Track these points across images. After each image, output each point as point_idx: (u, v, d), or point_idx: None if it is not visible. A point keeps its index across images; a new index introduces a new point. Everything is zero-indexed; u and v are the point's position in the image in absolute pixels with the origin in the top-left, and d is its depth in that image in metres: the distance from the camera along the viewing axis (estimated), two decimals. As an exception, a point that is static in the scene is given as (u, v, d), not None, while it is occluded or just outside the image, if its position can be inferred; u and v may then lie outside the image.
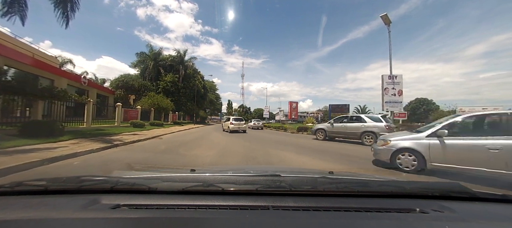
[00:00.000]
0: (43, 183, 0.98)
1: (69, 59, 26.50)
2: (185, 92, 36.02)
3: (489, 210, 0.94)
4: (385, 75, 14.86)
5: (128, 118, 17.09)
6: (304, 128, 17.06)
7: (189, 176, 1.28)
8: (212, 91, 57.78)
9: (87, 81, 18.41)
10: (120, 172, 1.60)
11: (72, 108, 10.83)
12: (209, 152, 6.49)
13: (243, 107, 70.82)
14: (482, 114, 4.30)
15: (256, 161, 5.41)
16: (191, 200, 0.89)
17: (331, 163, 5.54)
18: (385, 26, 14.82)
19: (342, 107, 62.41)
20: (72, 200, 0.87)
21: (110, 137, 8.71)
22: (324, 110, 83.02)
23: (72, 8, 8.69)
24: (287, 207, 0.87)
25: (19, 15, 7.75)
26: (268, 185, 1.04)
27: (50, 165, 4.14)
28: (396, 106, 14.89)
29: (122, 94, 29.01)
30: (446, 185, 1.07)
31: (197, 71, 40.98)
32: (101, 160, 4.82)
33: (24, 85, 7.54)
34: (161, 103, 24.09)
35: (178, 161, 5.20)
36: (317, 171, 1.96)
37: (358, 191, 1.01)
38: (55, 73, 14.64)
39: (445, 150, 3.99)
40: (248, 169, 1.93)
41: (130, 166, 4.58)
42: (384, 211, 0.86)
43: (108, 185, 0.98)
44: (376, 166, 5.07)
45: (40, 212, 0.76)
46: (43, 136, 6.70)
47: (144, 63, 35.12)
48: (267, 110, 52.48)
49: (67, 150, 5.27)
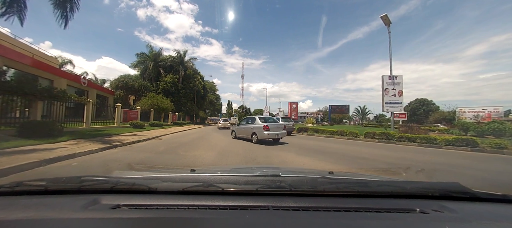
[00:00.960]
0: (43, 183, 0.98)
1: (69, 59, 26.59)
2: (185, 92, 36.05)
3: (489, 210, 0.94)
4: (385, 76, 14.88)
5: (127, 118, 17.09)
6: (304, 129, 17.05)
7: (189, 176, 1.28)
8: (212, 92, 57.84)
9: (86, 82, 18.40)
10: (120, 172, 1.60)
11: (72, 109, 10.82)
12: (209, 153, 6.49)
13: (243, 107, 70.68)
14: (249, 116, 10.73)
15: (256, 162, 5.41)
16: (191, 200, 0.89)
17: (331, 163, 5.54)
18: (385, 27, 14.85)
19: (342, 108, 62.18)
20: (72, 200, 0.87)
21: (110, 137, 8.70)
22: (324, 110, 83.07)
23: (71, 9, 8.70)
24: (287, 207, 0.87)
25: (18, 15, 7.74)
26: (268, 185, 1.04)
27: (49, 166, 4.12)
28: (396, 106, 14.89)
29: (122, 94, 29.02)
30: (446, 185, 1.07)
31: (197, 71, 41.05)
32: (100, 161, 4.81)
33: (23, 86, 7.52)
34: (161, 103, 24.10)
35: (178, 162, 5.19)
36: (317, 171, 1.96)
37: (358, 191, 1.01)
38: (54, 73, 14.64)
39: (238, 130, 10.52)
40: (248, 169, 1.93)
41: (130, 166, 4.58)
42: (384, 211, 0.86)
43: (108, 185, 0.98)
44: (376, 166, 5.07)
45: (40, 212, 0.76)
46: (42, 136, 6.69)
47: (144, 63, 35.18)
48: (267, 111, 52.39)
49: (66, 150, 5.26)
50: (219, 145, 8.39)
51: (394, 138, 10.75)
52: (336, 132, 14.32)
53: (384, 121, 56.10)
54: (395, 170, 4.51)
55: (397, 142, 10.38)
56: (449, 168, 5.01)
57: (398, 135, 10.80)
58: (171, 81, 34.16)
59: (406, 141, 10.24)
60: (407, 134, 10.91)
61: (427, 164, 5.47)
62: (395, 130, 13.60)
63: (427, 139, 9.77)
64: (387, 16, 14.34)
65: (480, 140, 8.92)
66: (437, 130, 20.21)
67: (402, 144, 10.11)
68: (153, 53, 35.41)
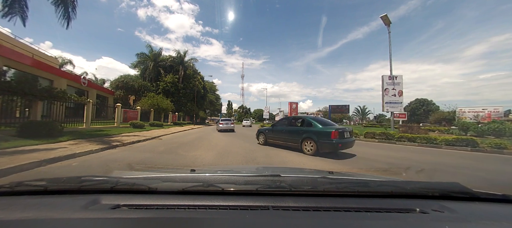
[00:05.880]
0: (43, 183, 0.98)
1: (69, 59, 26.63)
2: (185, 92, 36.06)
3: (489, 210, 0.94)
4: (385, 76, 14.87)
5: (128, 118, 17.08)
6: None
7: (189, 176, 1.28)
8: (212, 92, 57.79)
9: (86, 82, 18.40)
10: (120, 172, 1.60)
11: (72, 109, 10.81)
12: (209, 153, 6.48)
13: (243, 107, 70.69)
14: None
15: (256, 162, 5.41)
16: (191, 200, 0.89)
17: (331, 163, 5.54)
18: (385, 27, 14.84)
19: (342, 108, 62.16)
20: (72, 200, 0.87)
21: (110, 137, 8.70)
22: (324, 110, 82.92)
23: (73, 8, 8.70)
24: (287, 207, 0.87)
25: (20, 15, 7.74)
26: (268, 185, 1.04)
27: (49, 166, 4.12)
28: (396, 106, 14.88)
29: (122, 94, 29.00)
30: (446, 185, 1.07)
31: (197, 71, 41.03)
32: (100, 161, 4.81)
33: (23, 86, 7.53)
34: (161, 103, 24.09)
35: (178, 162, 5.19)
36: (317, 171, 1.96)
37: (358, 191, 1.01)
38: (54, 73, 14.63)
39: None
40: (248, 169, 1.93)
41: (130, 166, 4.58)
42: (384, 211, 0.86)
43: (108, 185, 0.98)
44: (376, 166, 5.07)
45: (40, 212, 0.76)
46: (42, 136, 6.69)
47: (144, 63, 35.18)
48: (267, 111, 52.36)
49: (66, 150, 5.26)
50: (219, 145, 8.39)
51: (394, 138, 10.75)
52: (336, 132, 14.29)
53: (384, 121, 56.14)
54: (395, 170, 4.51)
55: (397, 142, 10.38)
56: (449, 168, 5.01)
57: (398, 135, 10.80)
58: (171, 81, 34.17)
59: (406, 141, 10.24)
60: (407, 134, 10.91)
61: (427, 164, 5.47)
62: (395, 130, 13.61)
63: (427, 139, 9.77)
64: (387, 16, 14.34)
65: (480, 140, 8.92)
66: (437, 130, 20.21)
67: (402, 144, 10.11)
68: (153, 53, 35.40)
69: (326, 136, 6.20)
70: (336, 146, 6.06)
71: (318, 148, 6.24)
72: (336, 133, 6.14)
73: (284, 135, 7.71)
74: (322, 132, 6.38)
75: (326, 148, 6.17)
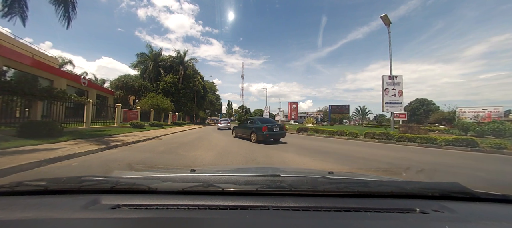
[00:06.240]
0: (43, 183, 0.98)
1: (69, 59, 26.62)
2: (185, 92, 36.07)
3: (489, 210, 0.94)
4: (385, 76, 14.87)
5: (128, 118, 17.08)
6: (304, 129, 17.06)
7: (189, 176, 1.28)
8: (212, 92, 57.80)
9: (86, 82, 18.40)
10: (120, 172, 1.60)
11: (72, 109, 10.81)
12: (209, 153, 6.48)
13: (243, 107, 70.54)
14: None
15: (256, 162, 5.40)
16: (191, 200, 0.89)
17: (331, 163, 5.54)
18: (385, 27, 14.85)
19: (342, 108, 62.16)
20: (72, 200, 0.87)
21: (110, 137, 8.70)
22: (324, 110, 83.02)
23: (73, 8, 8.70)
24: (287, 207, 0.87)
25: (20, 15, 7.74)
26: (268, 185, 1.04)
27: (49, 166, 4.13)
28: (396, 106, 14.89)
29: (122, 94, 29.00)
30: (446, 185, 1.07)
31: (197, 71, 41.04)
32: (100, 161, 4.81)
33: (23, 86, 7.52)
34: (161, 103, 24.10)
35: (178, 162, 5.19)
36: (317, 171, 1.96)
37: (358, 191, 1.01)
38: (54, 73, 14.63)
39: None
40: (248, 169, 1.93)
41: (130, 166, 4.58)
42: (384, 211, 0.86)
43: (108, 185, 0.98)
44: (376, 166, 5.07)
45: (40, 212, 0.76)
46: (42, 136, 6.70)
47: (144, 63, 35.19)
48: (267, 111, 52.37)
49: (66, 150, 5.26)
50: (219, 145, 8.39)
51: (394, 138, 10.75)
52: (336, 132, 14.33)
53: (384, 121, 56.10)
54: (395, 170, 4.51)
55: (397, 142, 10.38)
56: (449, 168, 5.01)
57: (398, 135, 10.80)
58: (171, 81, 34.17)
59: (406, 141, 10.24)
60: (407, 134, 10.91)
61: (427, 164, 5.47)
62: (395, 130, 13.61)
63: (427, 139, 9.77)
64: (387, 16, 14.34)
65: (480, 140, 8.92)
66: (437, 130, 20.22)
67: (402, 144, 10.11)
68: (153, 53, 35.40)
69: (260, 130, 9.34)
70: (265, 136, 9.26)
71: (257, 138, 9.39)
72: (266, 128, 9.30)
73: (243, 129, 11.14)
74: (259, 127, 9.55)
75: (260, 137, 9.30)
